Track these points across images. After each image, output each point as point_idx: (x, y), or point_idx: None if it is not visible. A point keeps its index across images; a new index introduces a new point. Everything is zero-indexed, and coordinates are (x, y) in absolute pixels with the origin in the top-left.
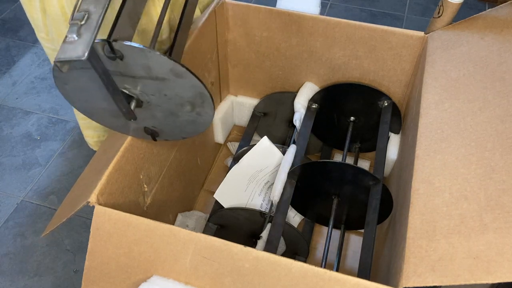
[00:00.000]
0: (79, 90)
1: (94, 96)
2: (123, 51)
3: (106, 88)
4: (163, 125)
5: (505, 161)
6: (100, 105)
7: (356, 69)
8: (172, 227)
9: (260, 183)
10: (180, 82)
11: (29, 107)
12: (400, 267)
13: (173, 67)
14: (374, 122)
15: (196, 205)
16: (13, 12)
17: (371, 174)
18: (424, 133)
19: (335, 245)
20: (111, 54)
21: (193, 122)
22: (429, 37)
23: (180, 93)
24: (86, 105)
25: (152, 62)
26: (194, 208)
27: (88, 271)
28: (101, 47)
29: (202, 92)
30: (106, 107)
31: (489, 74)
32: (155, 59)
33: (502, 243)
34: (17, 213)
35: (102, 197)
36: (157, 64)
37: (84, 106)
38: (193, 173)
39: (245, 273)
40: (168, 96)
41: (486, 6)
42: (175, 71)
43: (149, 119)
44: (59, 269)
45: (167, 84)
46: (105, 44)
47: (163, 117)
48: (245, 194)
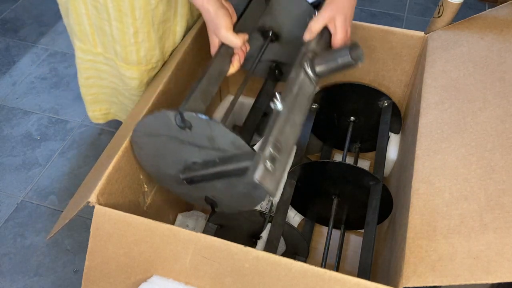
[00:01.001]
0: (152, 156)
1: (164, 163)
2: (192, 121)
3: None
4: (223, 195)
5: (505, 161)
6: (168, 172)
7: (356, 69)
8: (172, 227)
9: None
10: (238, 154)
11: (29, 107)
12: (400, 267)
13: (234, 140)
14: (374, 122)
15: (196, 205)
16: (13, 12)
17: (371, 174)
18: (424, 133)
19: (335, 245)
20: (182, 123)
21: (249, 195)
22: (429, 37)
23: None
24: (155, 170)
25: (215, 133)
26: (194, 208)
27: (88, 271)
28: (174, 117)
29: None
30: (173, 174)
31: (489, 74)
32: (218, 130)
33: (502, 243)
34: (17, 213)
35: (102, 197)
36: (220, 135)
37: (153, 170)
38: None
39: (245, 273)
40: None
41: (486, 6)
42: (236, 144)
43: (210, 188)
44: (59, 269)
45: (227, 155)
46: (177, 114)
47: (222, 187)
48: None
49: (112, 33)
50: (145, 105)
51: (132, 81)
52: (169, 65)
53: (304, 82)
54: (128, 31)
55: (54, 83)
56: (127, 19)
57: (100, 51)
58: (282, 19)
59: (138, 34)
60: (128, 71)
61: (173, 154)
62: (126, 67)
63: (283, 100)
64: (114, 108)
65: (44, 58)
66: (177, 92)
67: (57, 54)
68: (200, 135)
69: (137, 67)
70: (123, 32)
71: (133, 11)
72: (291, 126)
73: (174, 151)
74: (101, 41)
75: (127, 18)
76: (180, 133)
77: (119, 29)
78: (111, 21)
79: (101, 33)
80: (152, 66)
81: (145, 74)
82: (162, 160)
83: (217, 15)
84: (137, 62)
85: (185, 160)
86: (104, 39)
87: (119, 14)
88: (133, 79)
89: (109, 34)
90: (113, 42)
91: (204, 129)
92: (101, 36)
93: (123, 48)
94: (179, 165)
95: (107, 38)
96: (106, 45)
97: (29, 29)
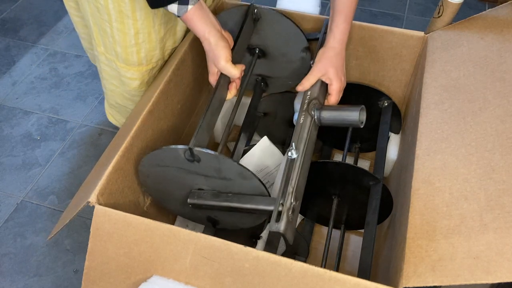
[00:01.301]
0: (157, 183)
1: (170, 189)
2: (200, 155)
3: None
4: (226, 216)
5: (505, 161)
6: (173, 196)
7: (356, 69)
8: (172, 227)
9: None
10: (244, 183)
11: (29, 107)
12: (400, 267)
13: (241, 171)
14: (374, 122)
15: None
16: (13, 12)
17: (371, 174)
18: (424, 133)
19: (335, 245)
20: (191, 157)
21: (250, 215)
22: (429, 37)
23: (243, 191)
24: (159, 194)
25: (223, 166)
26: None
27: (88, 271)
28: (183, 152)
29: (262, 192)
30: (178, 198)
31: (489, 74)
32: (226, 164)
33: (502, 243)
34: (17, 213)
35: (102, 197)
36: (227, 168)
37: (157, 194)
38: None
39: (245, 273)
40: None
41: (486, 6)
42: (243, 175)
43: (216, 213)
44: (59, 269)
45: (233, 183)
46: (187, 150)
47: (229, 214)
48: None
49: (113, 34)
50: (146, 105)
51: (133, 82)
52: (169, 65)
53: (312, 129)
54: (129, 32)
55: (54, 83)
56: (128, 21)
57: (103, 51)
58: (268, 38)
59: (139, 35)
60: (129, 72)
61: (179, 182)
62: (127, 68)
63: (297, 149)
64: (112, 111)
65: (44, 58)
66: (177, 92)
67: (57, 54)
68: (208, 167)
69: (138, 68)
70: (124, 33)
71: (134, 12)
72: (304, 171)
73: (180, 179)
74: (103, 41)
75: (128, 20)
76: (188, 165)
77: (119, 30)
78: (112, 22)
79: (102, 33)
80: (153, 66)
81: (146, 74)
82: (168, 186)
83: (217, 46)
84: (138, 63)
85: (191, 187)
86: (105, 39)
87: (120, 15)
88: (134, 80)
89: (110, 35)
90: (114, 43)
91: (212, 162)
92: (103, 36)
93: (124, 49)
94: (184, 190)
95: (108, 39)
96: (107, 46)
97: (29, 29)
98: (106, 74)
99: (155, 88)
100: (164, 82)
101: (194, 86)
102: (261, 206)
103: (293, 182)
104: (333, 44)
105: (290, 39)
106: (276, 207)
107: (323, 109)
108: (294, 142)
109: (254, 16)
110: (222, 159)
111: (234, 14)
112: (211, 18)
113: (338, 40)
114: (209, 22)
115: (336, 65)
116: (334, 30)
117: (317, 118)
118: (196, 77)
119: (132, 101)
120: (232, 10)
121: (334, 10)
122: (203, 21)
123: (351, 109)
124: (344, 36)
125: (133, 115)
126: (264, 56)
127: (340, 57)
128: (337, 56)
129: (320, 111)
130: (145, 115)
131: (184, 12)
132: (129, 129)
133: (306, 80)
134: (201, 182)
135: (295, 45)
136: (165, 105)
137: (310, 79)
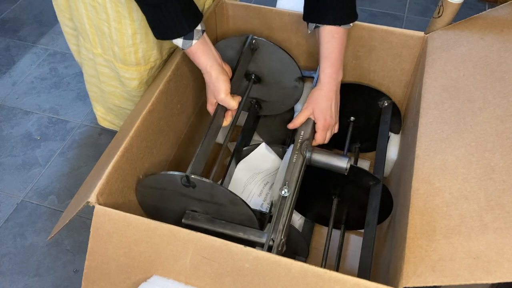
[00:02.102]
0: (153, 202)
1: (165, 209)
2: (196, 182)
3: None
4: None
5: (505, 161)
6: (168, 215)
7: (356, 69)
8: (172, 227)
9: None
10: (235, 209)
11: (29, 107)
12: (400, 267)
13: (232, 198)
14: (374, 122)
15: None
16: (13, 12)
17: (371, 174)
18: (424, 133)
19: (335, 245)
20: (187, 183)
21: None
22: (429, 37)
23: (233, 215)
24: (154, 212)
25: (215, 192)
26: None
27: (88, 271)
28: (180, 178)
29: (251, 217)
30: (172, 217)
31: (489, 74)
32: (219, 191)
33: (502, 243)
34: (17, 213)
35: (102, 197)
36: (220, 194)
37: (153, 212)
38: None
39: (245, 273)
40: (224, 216)
41: (486, 6)
42: (234, 201)
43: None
44: (59, 269)
45: (225, 208)
46: (183, 177)
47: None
48: (243, 196)
49: (111, 34)
50: (145, 105)
51: (132, 82)
52: (168, 65)
53: (302, 168)
54: (126, 32)
55: (54, 83)
56: (125, 21)
57: (100, 52)
58: (264, 66)
59: (137, 35)
60: (127, 72)
61: (174, 203)
62: (125, 68)
63: (289, 187)
64: (110, 115)
65: (44, 58)
66: (176, 92)
67: (57, 54)
68: (202, 192)
69: (136, 68)
70: (122, 33)
71: (130, 13)
72: (292, 210)
73: (176, 200)
74: (100, 42)
75: (125, 20)
76: (184, 189)
77: (117, 29)
78: (110, 22)
79: (100, 33)
80: (151, 66)
81: (145, 74)
82: (163, 206)
83: (218, 80)
84: (136, 63)
85: (185, 208)
86: (103, 40)
87: (117, 15)
88: (133, 80)
89: (108, 35)
90: (112, 43)
91: (206, 188)
92: (100, 37)
93: (122, 49)
94: (178, 211)
95: (106, 39)
96: (105, 46)
97: (29, 29)
98: (105, 76)
99: (155, 88)
100: (164, 82)
101: (194, 86)
102: (253, 238)
103: (283, 219)
104: (320, 87)
105: (285, 69)
106: (267, 242)
107: (315, 152)
108: (286, 180)
109: (252, 46)
110: (215, 187)
111: (234, 42)
112: (213, 52)
113: (324, 83)
114: (211, 56)
115: (322, 105)
116: (321, 75)
117: (308, 159)
118: (196, 77)
119: (132, 101)
120: (232, 38)
121: (320, 56)
122: (205, 55)
123: (340, 158)
124: (331, 79)
125: (133, 115)
126: (259, 82)
127: (326, 98)
128: (324, 97)
129: (311, 153)
130: (145, 115)
131: (189, 46)
132: (129, 129)
133: (296, 118)
134: (195, 205)
135: (289, 75)
136: (165, 105)
137: (300, 117)
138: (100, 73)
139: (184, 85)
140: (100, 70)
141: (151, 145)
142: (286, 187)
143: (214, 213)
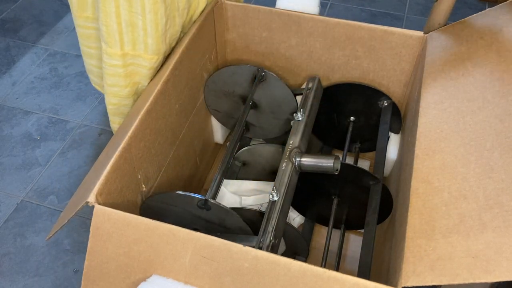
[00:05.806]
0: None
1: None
2: (212, 206)
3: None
4: None
5: (504, 160)
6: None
7: (356, 69)
8: (171, 227)
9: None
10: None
11: (29, 107)
12: (399, 266)
13: (243, 226)
14: (374, 122)
15: None
16: (13, 12)
17: (371, 174)
18: (424, 132)
19: (335, 245)
20: (202, 206)
21: None
22: (428, 37)
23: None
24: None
25: (228, 218)
26: None
27: (88, 271)
28: (197, 201)
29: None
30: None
31: (488, 74)
32: (233, 218)
33: (501, 242)
34: (17, 213)
35: (101, 197)
36: (232, 221)
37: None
38: (192, 173)
39: (245, 273)
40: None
41: (486, 6)
42: (243, 229)
43: None
44: (59, 269)
45: (231, 232)
46: (201, 200)
47: None
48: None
49: (145, 27)
50: (144, 104)
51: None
52: (166, 65)
53: (292, 174)
54: (161, 22)
55: (54, 83)
56: (161, 10)
57: (128, 50)
58: (264, 96)
59: (168, 21)
60: (157, 62)
61: (180, 219)
62: (155, 58)
63: (278, 191)
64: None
65: (44, 58)
66: (174, 92)
67: (57, 54)
68: (214, 216)
69: (164, 55)
70: (156, 23)
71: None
72: (283, 212)
73: (182, 218)
74: (130, 38)
75: (161, 9)
76: (196, 210)
77: (152, 21)
78: (145, 14)
79: (131, 29)
80: (172, 46)
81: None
82: (167, 219)
83: None
84: (164, 51)
85: (189, 225)
86: (134, 35)
87: (155, 6)
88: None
89: (141, 28)
90: (145, 36)
91: (220, 213)
92: (130, 33)
93: (155, 39)
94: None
95: (138, 33)
96: (136, 41)
97: (29, 29)
98: (129, 78)
99: (153, 88)
100: (162, 82)
101: (192, 86)
102: (244, 243)
103: (273, 222)
104: None
105: (283, 102)
106: (256, 245)
107: (303, 157)
108: (275, 185)
109: (260, 78)
110: (230, 213)
111: (245, 70)
112: None
113: None
114: None
115: None
116: None
117: (297, 165)
118: (194, 77)
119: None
120: (242, 66)
121: None
122: None
123: (327, 158)
124: None
125: (131, 115)
126: (255, 107)
127: None
128: None
129: (300, 159)
130: (143, 115)
131: None
132: (127, 129)
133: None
134: (200, 224)
135: (286, 108)
136: (163, 105)
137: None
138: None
139: (182, 85)
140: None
141: (150, 145)
142: (275, 191)
143: (215, 233)
